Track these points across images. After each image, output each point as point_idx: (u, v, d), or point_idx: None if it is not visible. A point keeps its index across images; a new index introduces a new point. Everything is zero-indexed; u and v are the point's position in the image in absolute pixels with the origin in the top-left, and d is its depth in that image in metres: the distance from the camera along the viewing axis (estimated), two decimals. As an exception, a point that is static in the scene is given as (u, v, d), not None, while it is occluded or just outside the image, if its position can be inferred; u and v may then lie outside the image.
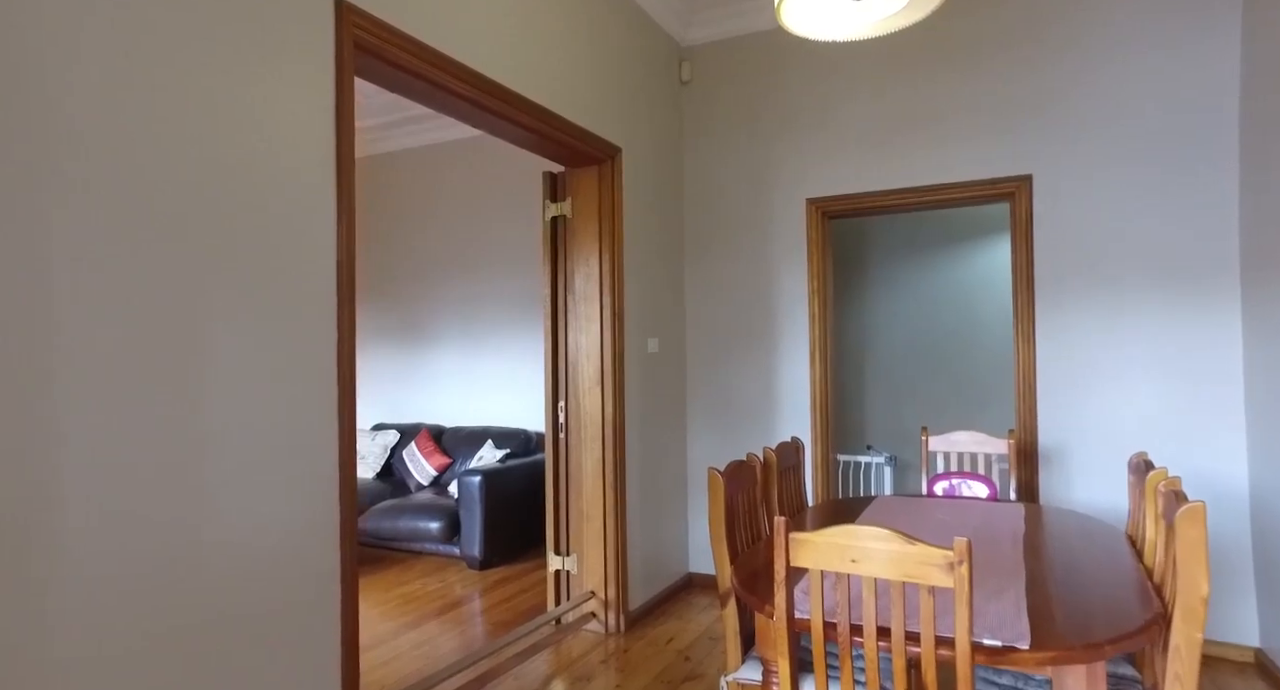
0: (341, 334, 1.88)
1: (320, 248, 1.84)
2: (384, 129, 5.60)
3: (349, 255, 1.91)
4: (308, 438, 1.79)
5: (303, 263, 1.79)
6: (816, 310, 3.69)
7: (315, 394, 1.81)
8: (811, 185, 3.71)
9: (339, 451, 1.87)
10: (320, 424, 1.82)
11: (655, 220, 3.76)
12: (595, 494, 3.34)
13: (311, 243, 1.82)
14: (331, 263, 1.87)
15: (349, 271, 1.91)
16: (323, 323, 1.84)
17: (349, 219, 1.91)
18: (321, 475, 1.82)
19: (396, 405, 5.80)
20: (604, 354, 3.33)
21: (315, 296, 1.82)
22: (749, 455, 2.16)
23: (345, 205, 1.90)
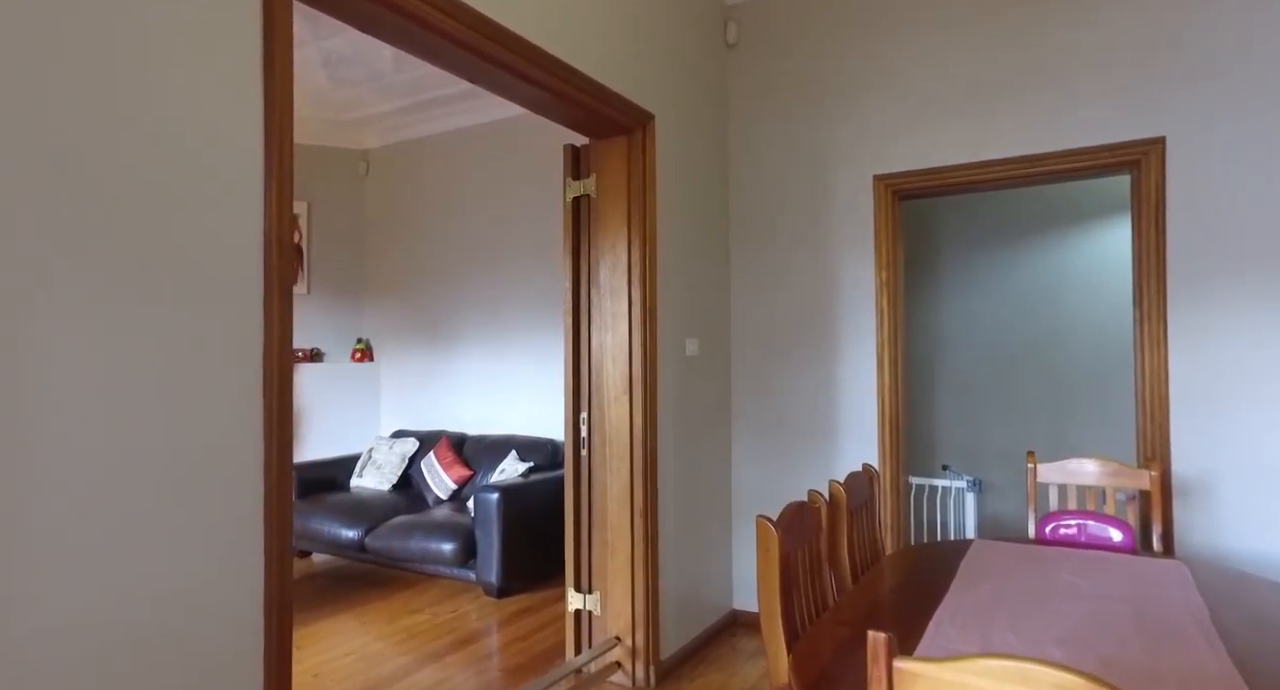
0: (271, 330, 1.42)
1: (237, 217, 1.38)
2: (401, 115, 5.22)
3: (282, 229, 1.45)
4: (213, 467, 1.33)
5: (208, 236, 1.34)
6: (886, 306, 3.13)
7: (228, 408, 1.35)
8: (880, 160, 3.14)
9: (264, 482, 1.41)
10: (235, 447, 1.36)
11: (695, 201, 3.24)
12: (621, 522, 2.84)
13: (223, 210, 1.36)
14: (256, 238, 1.41)
15: (282, 249, 1.45)
16: (242, 316, 1.38)
17: (282, 181, 1.45)
18: (234, 518, 1.36)
19: (417, 411, 5.40)
20: (633, 357, 2.83)
21: (229, 282, 1.37)
22: (811, 494, 1.63)
23: (276, 162, 1.44)
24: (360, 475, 4.86)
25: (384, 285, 5.62)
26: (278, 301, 1.44)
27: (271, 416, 1.41)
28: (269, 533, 1.41)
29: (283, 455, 1.44)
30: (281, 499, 1.43)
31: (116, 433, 1.20)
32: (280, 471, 1.43)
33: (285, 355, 1.45)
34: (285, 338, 1.46)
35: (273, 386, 1.42)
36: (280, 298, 1.44)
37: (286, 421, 1.45)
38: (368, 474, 4.84)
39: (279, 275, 1.44)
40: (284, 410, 1.44)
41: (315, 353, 5.51)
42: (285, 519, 1.45)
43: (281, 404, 1.44)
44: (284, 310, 1.45)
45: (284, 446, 1.44)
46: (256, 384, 1.40)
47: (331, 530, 4.24)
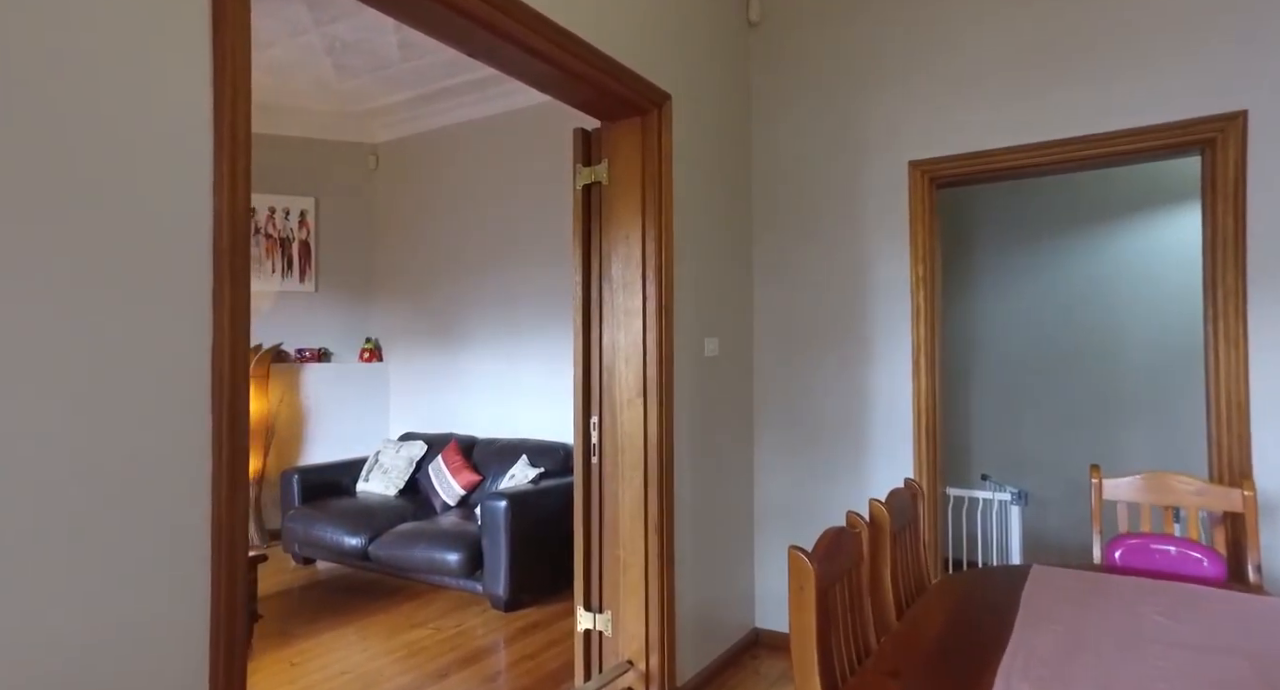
0: (221, 325, 1.21)
1: (181, 192, 1.18)
2: (410, 106, 5.04)
3: (236, 207, 1.24)
4: (141, 494, 1.12)
5: (142, 215, 1.14)
6: (922, 303, 2.87)
7: (164, 421, 1.15)
8: (915, 144, 2.89)
9: (211, 511, 1.20)
10: (172, 467, 1.16)
11: (714, 190, 3.01)
12: (635, 536, 2.62)
13: (162, 182, 1.16)
14: (204, 217, 1.21)
15: (236, 232, 1.25)
16: (184, 309, 1.18)
17: (236, 151, 1.24)
18: (171, 553, 1.16)
19: (426, 413, 5.22)
20: (647, 357, 2.61)
21: (170, 269, 1.16)
22: (850, 517, 1.40)
23: (229, 127, 1.23)
24: (366, 480, 4.69)
25: (393, 283, 5.45)
26: (230, 293, 1.23)
27: (220, 429, 1.21)
28: (217, 576, 1.20)
29: (235, 475, 1.23)
30: (233, 530, 1.23)
31: (8, 455, 1.00)
32: (231, 497, 1.22)
33: (239, 355, 1.25)
34: (239, 335, 1.25)
35: (223, 393, 1.21)
36: (234, 288, 1.24)
37: (240, 434, 1.24)
38: (374, 478, 4.66)
39: (232, 262, 1.24)
40: (236, 421, 1.24)
41: (323, 352, 5.36)
42: (236, 557, 1.24)
43: (234, 413, 1.23)
44: (238, 302, 1.25)
45: (236, 464, 1.23)
46: (202, 391, 1.20)
47: (335, 537, 4.06)
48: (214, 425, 1.20)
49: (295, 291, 5.31)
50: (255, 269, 5.22)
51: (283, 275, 5.28)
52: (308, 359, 5.26)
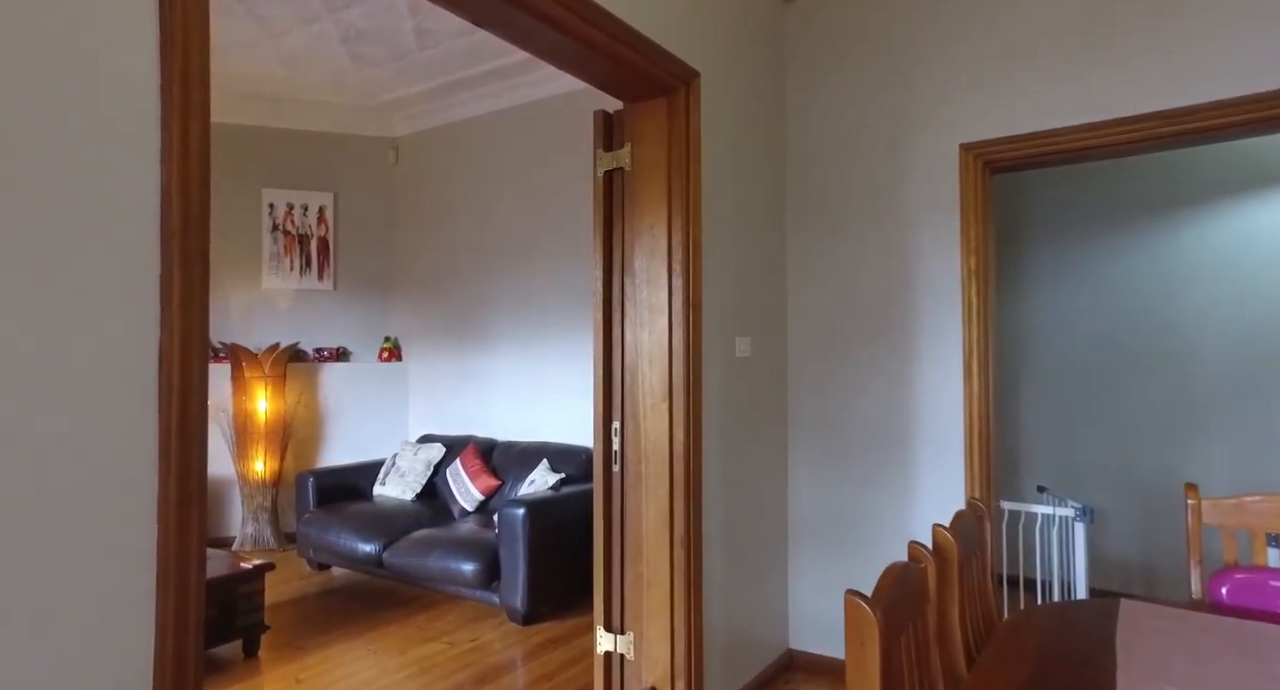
0: (170, 321, 1.03)
1: (119, 162, 1.00)
2: (429, 99, 4.88)
3: (190, 180, 1.06)
4: (70, 518, 0.94)
5: (70, 188, 0.95)
6: (974, 299, 2.62)
7: (97, 436, 0.97)
8: (967, 125, 2.64)
9: (159, 538, 1.02)
10: (108, 489, 0.97)
11: (745, 176, 2.79)
12: (659, 553, 2.41)
13: (96, 150, 0.98)
14: (149, 193, 1.02)
15: (190, 210, 1.06)
16: (126, 303, 1.00)
17: (190, 111, 1.06)
18: (103, 593, 0.97)
19: (445, 415, 5.07)
20: (673, 357, 2.40)
21: (106, 254, 0.98)
22: (913, 549, 1.18)
23: (179, 83, 1.05)
24: (383, 483, 4.54)
25: (413, 280, 5.30)
26: (182, 281, 1.05)
27: (169, 444, 1.03)
28: (163, 616, 1.02)
29: (187, 496, 1.05)
30: (184, 562, 1.04)
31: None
32: (183, 522, 1.04)
33: (193, 356, 1.06)
34: (194, 332, 1.07)
35: (171, 401, 1.03)
36: (187, 276, 1.05)
37: (194, 449, 1.06)
38: (391, 482, 4.51)
39: (185, 245, 1.05)
40: (190, 434, 1.05)
41: (341, 352, 5.23)
42: (188, 596, 1.05)
43: (185, 425, 1.05)
44: (192, 293, 1.06)
45: (188, 484, 1.05)
46: (147, 398, 1.01)
47: (348, 544, 3.91)
48: (160, 440, 1.02)
49: (313, 289, 5.19)
50: (273, 266, 5.11)
51: (300, 273, 5.16)
52: (326, 358, 5.14)
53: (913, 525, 2.73)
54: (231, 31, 4.00)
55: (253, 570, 3.11)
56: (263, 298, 5.10)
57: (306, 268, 5.18)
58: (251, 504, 4.73)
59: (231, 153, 5.04)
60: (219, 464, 4.83)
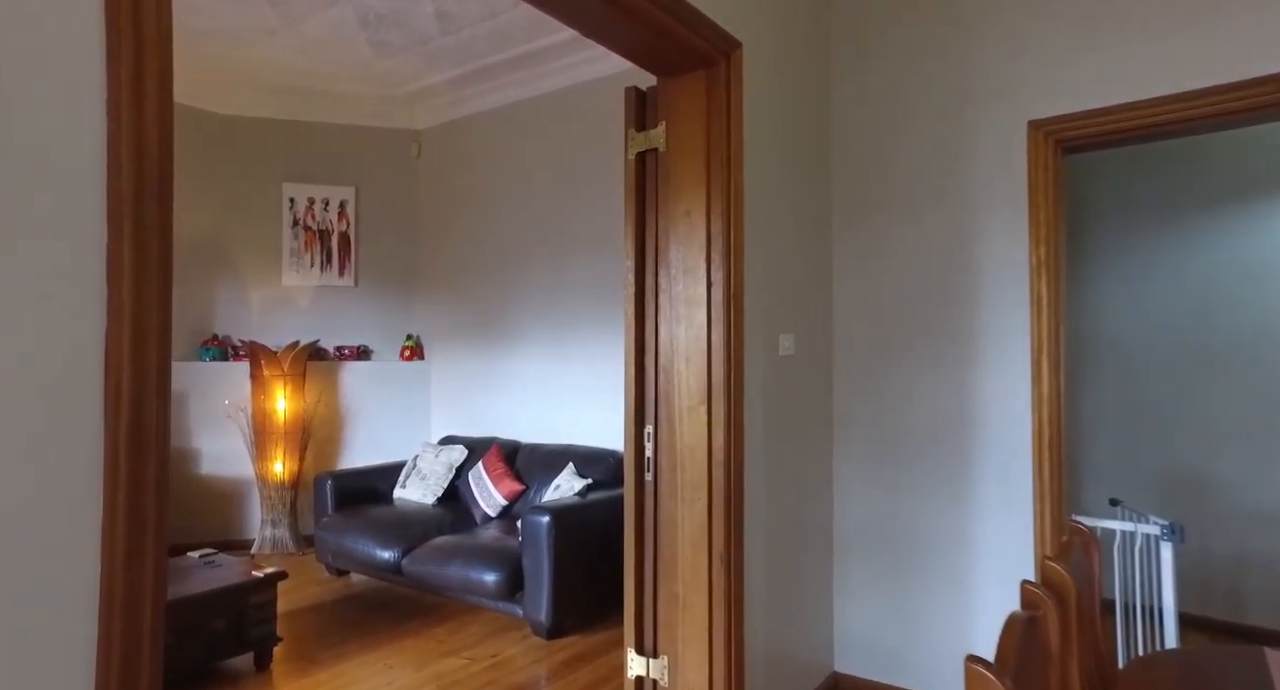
0: (119, 307, 0.84)
1: (54, 115, 0.81)
2: (453, 88, 4.72)
3: (144, 139, 0.87)
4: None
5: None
6: (1044, 292, 2.37)
7: (25, 448, 0.78)
8: (1037, 99, 2.39)
9: (103, 572, 0.83)
10: (38, 512, 0.79)
11: (789, 158, 2.57)
12: (697, 570, 2.20)
13: (24, 101, 0.79)
14: (93, 151, 0.83)
15: (145, 175, 0.87)
16: (58, 287, 0.81)
17: (142, 51, 0.87)
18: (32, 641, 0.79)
19: (468, 415, 4.90)
20: (712, 355, 2.19)
21: (38, 226, 0.80)
22: (1028, 593, 0.96)
23: (129, 21, 0.86)
24: (404, 486, 4.38)
25: (436, 277, 5.15)
26: (135, 259, 0.86)
27: (119, 459, 0.84)
28: (104, 663, 0.83)
29: (139, 522, 0.86)
30: (133, 602, 0.85)
31: None
32: (133, 562, 0.85)
33: (149, 350, 0.87)
34: (151, 320, 0.88)
35: (120, 406, 0.84)
36: (139, 252, 0.87)
37: (152, 466, 0.87)
38: (411, 485, 4.35)
39: (138, 214, 0.87)
40: (145, 445, 0.86)
41: (362, 350, 5.09)
42: (144, 657, 0.86)
43: (138, 435, 0.86)
44: (147, 272, 0.88)
45: (141, 510, 0.86)
46: (91, 401, 0.83)
47: (366, 550, 3.76)
48: (107, 455, 0.83)
49: (334, 286, 5.06)
50: (294, 262, 4.99)
51: (321, 269, 5.04)
52: (346, 357, 5.01)
53: (971, 541, 2.49)
54: (248, 18, 3.87)
55: (264, 579, 2.96)
56: (283, 295, 4.98)
57: (327, 264, 5.05)
58: (270, 506, 4.60)
59: (252, 147, 4.93)
60: (239, 465, 4.71)
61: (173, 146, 0.92)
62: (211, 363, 4.72)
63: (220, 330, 4.87)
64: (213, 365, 4.72)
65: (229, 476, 4.73)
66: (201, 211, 4.82)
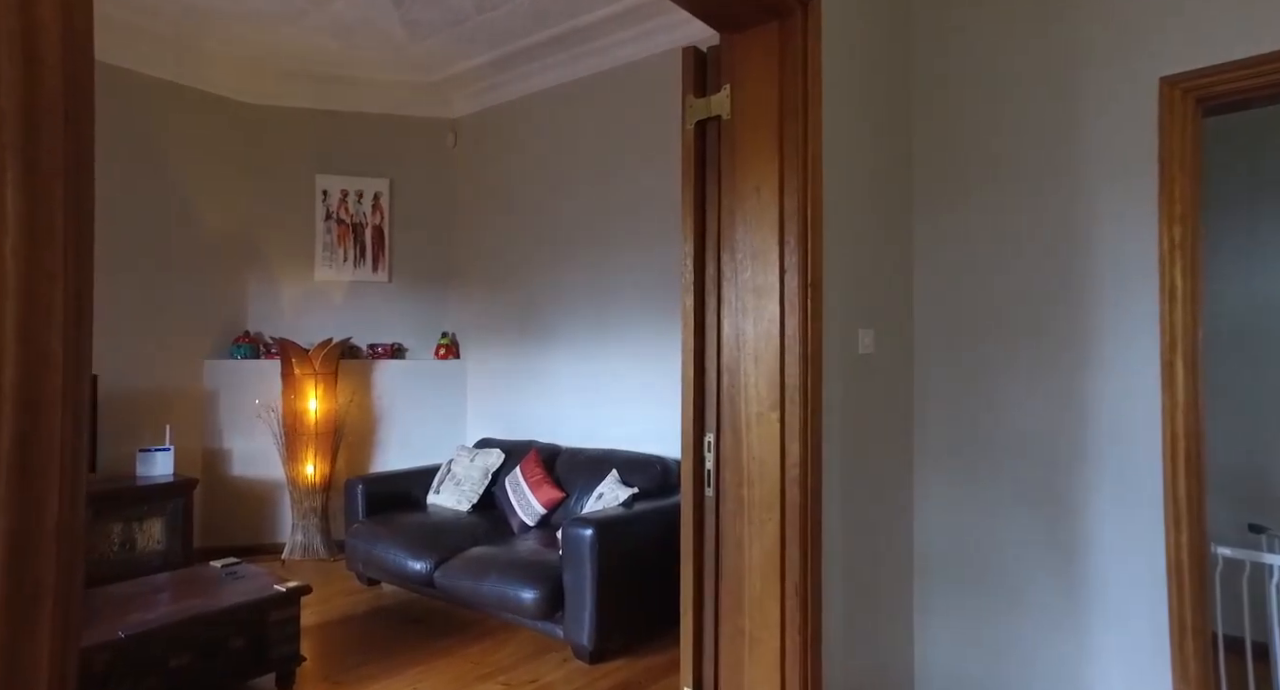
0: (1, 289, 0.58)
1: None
2: (491, 72, 4.48)
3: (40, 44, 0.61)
4: None
5: None
6: (1178, 281, 2.01)
7: None
8: (1171, 51, 2.03)
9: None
10: None
11: (868, 127, 2.25)
12: (767, 602, 1.89)
13: None
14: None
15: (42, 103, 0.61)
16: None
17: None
18: None
19: (506, 417, 4.66)
20: (786, 354, 1.88)
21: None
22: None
23: None
24: (437, 492, 4.16)
25: (473, 272, 4.93)
26: (20, 204, 0.60)
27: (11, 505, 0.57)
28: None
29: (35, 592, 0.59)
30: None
31: None
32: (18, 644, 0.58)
33: (50, 337, 0.61)
34: (49, 296, 0.61)
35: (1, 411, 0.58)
36: (28, 194, 0.60)
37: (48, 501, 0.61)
38: (445, 490, 4.13)
39: (30, 158, 0.60)
40: (39, 469, 0.60)
41: (396, 348, 4.89)
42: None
43: (29, 456, 0.59)
44: (41, 233, 0.61)
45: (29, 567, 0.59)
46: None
47: (397, 560, 3.53)
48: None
49: (368, 281, 4.88)
50: (327, 257, 4.81)
51: (355, 264, 4.85)
52: (380, 355, 4.81)
53: (1079, 575, 2.14)
54: (277, 1, 3.68)
55: (287, 594, 2.74)
56: (316, 290, 4.81)
57: (361, 258, 4.86)
58: (301, 509, 4.42)
59: (284, 138, 4.76)
60: (269, 466, 4.54)
61: (89, 64, 0.66)
62: (243, 360, 4.57)
63: (252, 327, 4.71)
64: (244, 363, 4.56)
65: (260, 478, 4.56)
66: (233, 205, 4.67)
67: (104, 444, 4.00)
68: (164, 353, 4.35)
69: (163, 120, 4.35)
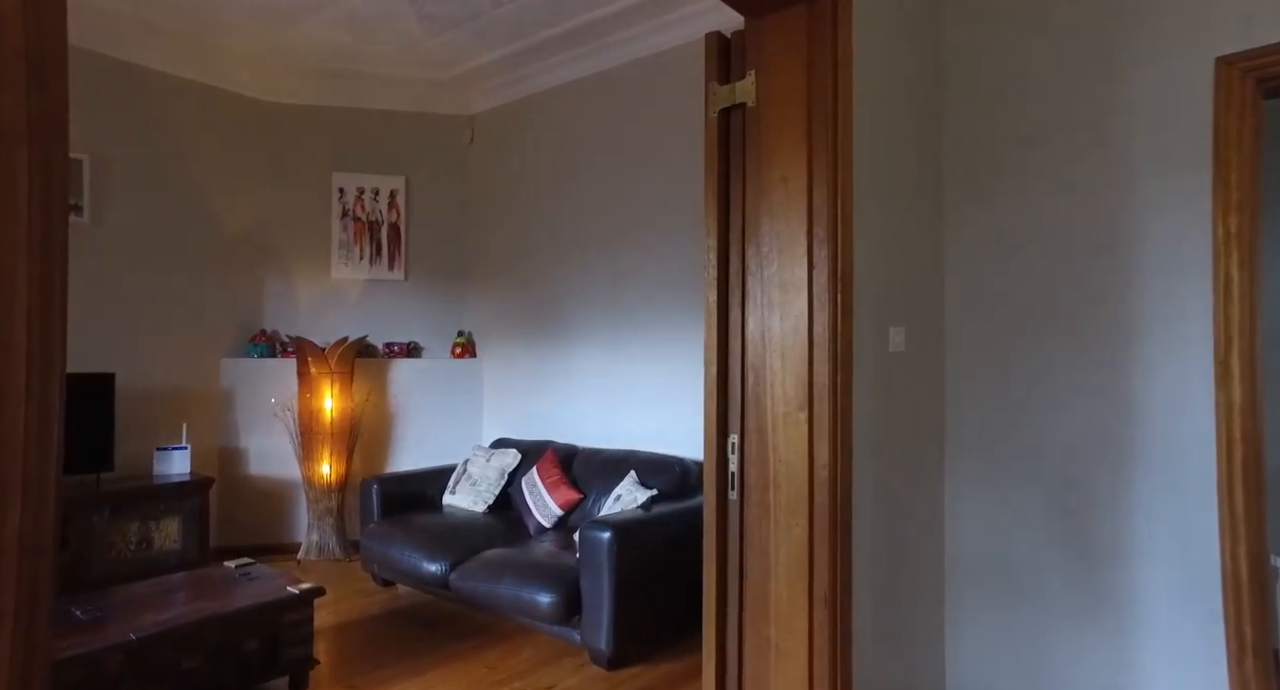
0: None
1: None
2: (508, 67, 4.42)
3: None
4: None
5: None
6: (1234, 273, 1.89)
7: None
8: (1227, 28, 1.91)
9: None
10: None
11: (898, 117, 2.16)
12: (794, 611, 1.81)
13: None
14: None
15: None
16: None
17: None
18: None
19: (522, 417, 4.60)
20: (815, 350, 1.79)
21: None
22: None
23: None
24: (453, 492, 4.10)
25: (489, 270, 4.87)
26: None
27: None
28: None
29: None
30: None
31: None
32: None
33: (19, 333, 0.54)
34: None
35: None
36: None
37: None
38: (461, 491, 4.07)
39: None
40: None
41: (412, 347, 4.85)
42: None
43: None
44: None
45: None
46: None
47: (412, 562, 3.48)
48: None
49: (384, 280, 4.84)
50: (343, 255, 4.78)
51: (371, 262, 4.81)
52: (395, 354, 4.77)
53: (1121, 585, 2.03)
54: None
55: (300, 596, 2.69)
56: (332, 289, 4.78)
57: (377, 256, 4.83)
58: (317, 509, 4.39)
59: (300, 135, 4.74)
60: (285, 465, 4.51)
61: (64, 11, 0.59)
62: (259, 359, 4.54)
63: (268, 325, 4.69)
64: (260, 362, 4.54)
65: (276, 477, 4.54)
66: (249, 203, 4.65)
67: (121, 442, 3.98)
68: (181, 351, 4.34)
69: (179, 118, 4.33)
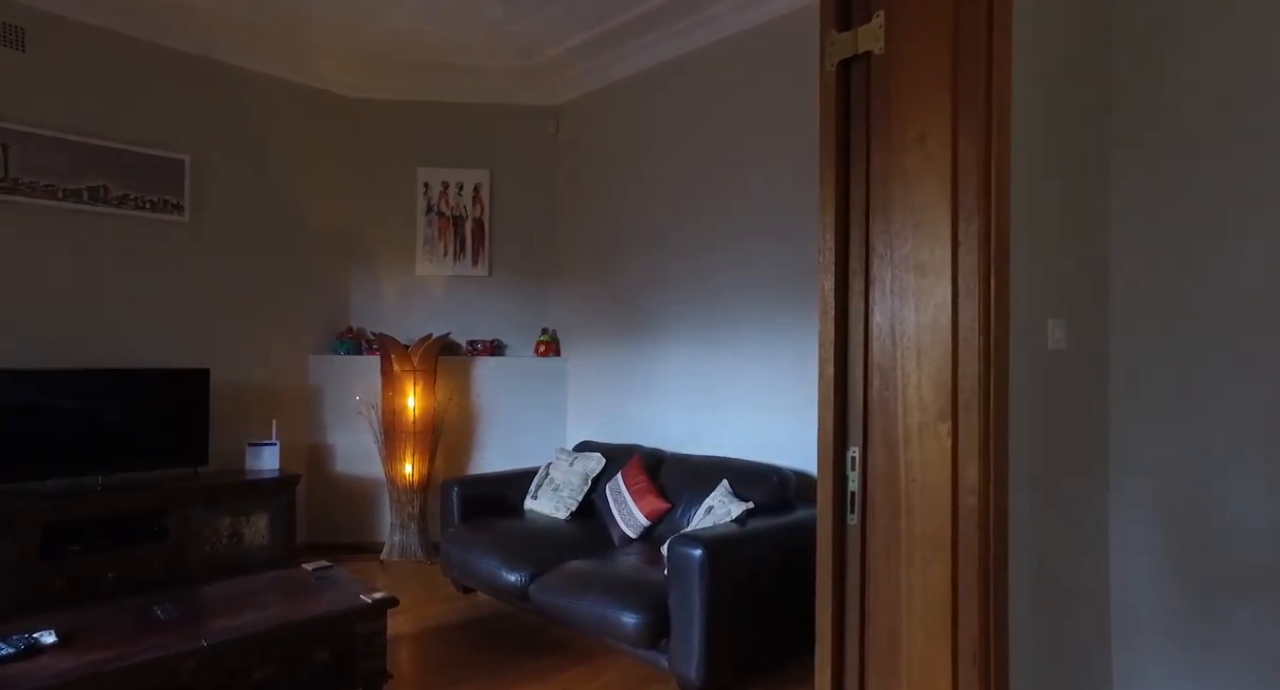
0: None
1: None
2: (595, 50, 4.22)
3: None
4: None
5: None
6: None
7: None
8: None
9: None
10: None
11: (1057, 73, 1.79)
12: (931, 664, 1.48)
13: None
14: None
15: None
16: None
17: None
18: None
19: (608, 419, 4.39)
20: (960, 349, 1.46)
21: None
22: None
23: None
24: (535, 497, 3.93)
25: (575, 266, 4.70)
26: None
27: None
28: None
29: None
30: None
31: None
32: None
33: None
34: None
35: None
36: None
37: None
38: (543, 496, 3.89)
39: None
40: None
41: (495, 345, 4.72)
42: None
43: None
44: None
45: None
46: None
47: (491, 570, 3.31)
48: None
49: (467, 276, 4.74)
50: (427, 251, 4.71)
51: (455, 258, 4.72)
52: (479, 352, 4.65)
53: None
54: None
55: (373, 605, 2.55)
56: (416, 285, 4.72)
57: (460, 252, 4.73)
58: (400, 510, 4.32)
59: (386, 130, 4.70)
60: (369, 464, 4.47)
61: None
62: (346, 356, 4.52)
63: (354, 322, 4.67)
64: (346, 359, 4.51)
65: (360, 475, 4.50)
66: (336, 199, 4.64)
67: (215, 437, 4.02)
68: (272, 347, 4.36)
69: (269, 115, 4.35)
